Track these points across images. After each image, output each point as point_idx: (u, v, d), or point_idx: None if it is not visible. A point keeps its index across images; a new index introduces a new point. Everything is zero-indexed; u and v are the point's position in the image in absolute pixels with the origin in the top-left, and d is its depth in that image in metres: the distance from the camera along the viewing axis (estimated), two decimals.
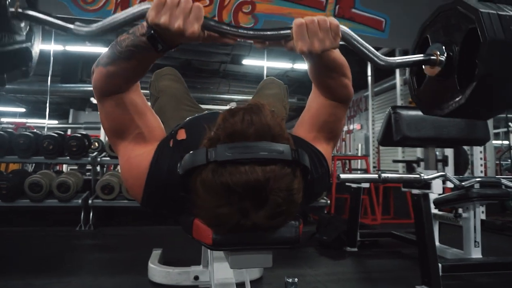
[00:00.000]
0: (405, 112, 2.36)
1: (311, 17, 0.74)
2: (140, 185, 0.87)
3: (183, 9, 0.67)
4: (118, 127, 0.87)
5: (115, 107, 0.84)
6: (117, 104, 0.84)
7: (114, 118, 0.86)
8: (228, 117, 0.68)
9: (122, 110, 0.84)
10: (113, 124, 0.88)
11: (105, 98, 0.83)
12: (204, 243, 0.73)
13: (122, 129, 0.87)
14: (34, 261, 2.40)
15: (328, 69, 0.86)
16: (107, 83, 0.80)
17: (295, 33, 0.73)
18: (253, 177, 0.61)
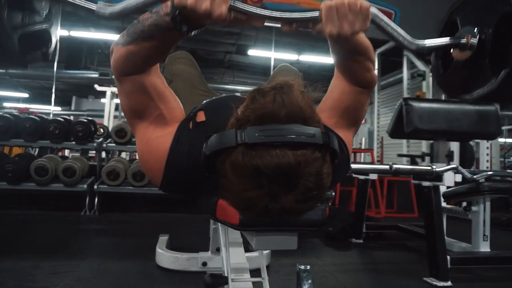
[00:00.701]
0: (417, 104, 2.34)
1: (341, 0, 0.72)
2: (160, 167, 0.86)
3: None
4: (138, 107, 0.86)
5: (135, 87, 0.83)
6: (137, 84, 0.82)
7: (133, 98, 0.85)
8: (258, 97, 0.65)
9: (141, 91, 0.83)
10: (133, 104, 0.86)
11: (125, 78, 0.82)
12: (230, 223, 0.72)
13: (142, 109, 0.86)
14: (41, 244, 2.40)
15: (354, 53, 0.84)
16: (127, 62, 0.79)
17: (324, 16, 0.71)
18: (285, 161, 0.59)
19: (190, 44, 7.77)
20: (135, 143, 0.90)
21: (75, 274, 1.85)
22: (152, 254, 2.11)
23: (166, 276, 1.90)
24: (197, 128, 0.88)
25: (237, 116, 0.67)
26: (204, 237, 2.57)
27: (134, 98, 0.85)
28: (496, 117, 2.43)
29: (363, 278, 2.10)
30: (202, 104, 0.98)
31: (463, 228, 2.58)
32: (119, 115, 8.97)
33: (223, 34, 7.18)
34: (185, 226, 3.24)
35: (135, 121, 0.89)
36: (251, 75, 9.78)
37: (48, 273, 1.83)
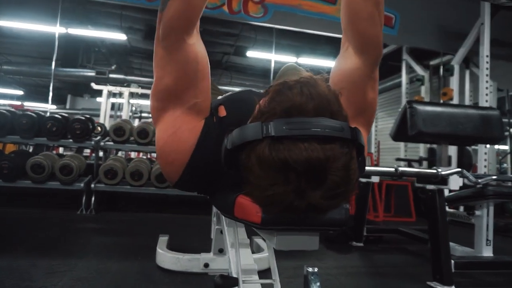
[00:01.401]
0: (421, 107, 2.33)
1: None
2: (182, 162, 0.82)
3: None
4: (182, 85, 0.80)
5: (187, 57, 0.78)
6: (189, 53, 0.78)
7: (182, 74, 0.79)
8: (284, 90, 0.63)
9: (193, 61, 0.79)
10: (178, 81, 0.80)
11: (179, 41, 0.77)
12: (251, 221, 0.69)
13: (184, 89, 0.80)
14: (38, 242, 2.35)
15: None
16: (185, 8, 0.75)
17: None
18: (314, 155, 0.56)
19: None
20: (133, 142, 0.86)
21: (73, 273, 1.80)
22: (152, 254, 2.07)
23: (167, 277, 1.86)
24: (219, 123, 0.85)
25: (261, 108, 0.65)
26: (204, 238, 2.55)
27: (183, 74, 0.79)
28: (499, 122, 2.43)
29: (367, 282, 2.07)
30: (221, 99, 0.95)
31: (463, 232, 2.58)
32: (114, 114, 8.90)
33: (221, 35, 7.16)
34: (184, 226, 3.20)
35: (167, 106, 0.82)
36: (249, 76, 9.76)
37: (45, 272, 1.78)
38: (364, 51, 0.84)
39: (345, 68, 0.87)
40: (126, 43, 7.97)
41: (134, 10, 5.99)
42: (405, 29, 4.82)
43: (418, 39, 5.03)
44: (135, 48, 8.30)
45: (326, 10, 4.70)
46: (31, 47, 8.54)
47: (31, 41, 8.01)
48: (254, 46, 7.42)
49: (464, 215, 2.31)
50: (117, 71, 8.33)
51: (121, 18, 6.40)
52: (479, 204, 2.16)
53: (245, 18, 4.55)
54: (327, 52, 7.15)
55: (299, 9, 4.65)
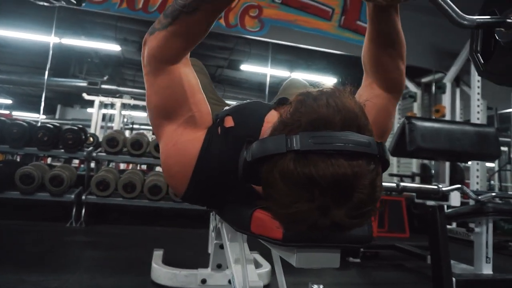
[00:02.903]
0: (420, 122, 2.33)
1: None
2: (186, 174, 0.80)
3: None
4: (170, 105, 0.80)
5: (172, 81, 0.77)
6: (174, 77, 0.77)
7: (167, 94, 0.79)
8: (309, 100, 0.60)
9: (178, 85, 0.78)
10: (165, 101, 0.80)
11: (162, 69, 0.77)
12: (271, 238, 0.66)
13: (174, 108, 0.80)
14: (26, 256, 2.25)
15: (389, 41, 0.81)
16: (167, 46, 0.74)
17: None
18: (341, 171, 0.54)
19: None
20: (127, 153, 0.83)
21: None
22: (146, 269, 2.00)
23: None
24: (225, 134, 0.83)
25: (283, 119, 0.61)
26: (199, 252, 2.48)
27: (168, 95, 0.79)
28: (495, 139, 2.45)
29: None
30: (228, 109, 0.93)
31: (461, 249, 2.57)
32: (105, 125, 8.80)
33: (215, 48, 7.19)
34: (178, 240, 3.12)
35: (162, 122, 0.82)
36: (242, 90, 9.79)
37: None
38: (390, 91, 0.87)
39: (372, 96, 0.86)
40: (119, 54, 7.94)
41: (129, 22, 5.99)
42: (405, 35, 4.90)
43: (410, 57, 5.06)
44: (128, 60, 8.27)
45: (322, 26, 4.76)
46: (22, 56, 8.43)
47: (22, 50, 7.92)
48: (248, 60, 7.47)
49: (462, 232, 2.30)
50: (110, 82, 8.27)
51: (116, 30, 6.39)
52: (478, 220, 2.16)
53: (242, 31, 4.58)
54: (322, 67, 7.23)
55: (295, 24, 4.70)
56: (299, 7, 4.75)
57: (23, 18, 6.05)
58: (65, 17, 5.85)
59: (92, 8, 4.15)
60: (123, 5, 4.20)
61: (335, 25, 4.84)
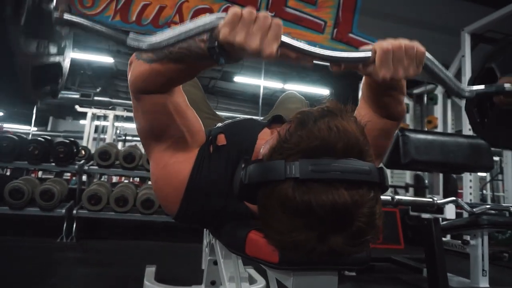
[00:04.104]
0: (413, 135, 2.35)
1: (398, 42, 0.68)
2: (178, 195, 0.78)
3: (261, 26, 0.58)
4: (157, 128, 0.78)
5: (155, 108, 0.75)
6: (157, 104, 0.75)
7: (153, 118, 0.77)
8: (309, 121, 0.58)
9: (162, 111, 0.75)
10: (151, 124, 0.78)
11: (144, 97, 0.74)
12: (266, 260, 0.64)
13: (161, 130, 0.78)
14: (14, 275, 2.19)
15: (391, 88, 0.80)
16: (148, 81, 0.71)
17: (379, 59, 0.67)
18: (341, 200, 0.53)
19: None
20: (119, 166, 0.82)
21: None
22: (139, 286, 1.95)
23: None
24: (217, 152, 0.82)
25: (282, 141, 0.59)
26: (193, 268, 2.43)
27: (153, 119, 0.77)
28: (488, 151, 2.47)
29: None
30: (221, 127, 0.91)
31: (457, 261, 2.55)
32: (98, 137, 8.73)
33: None
34: (171, 255, 3.06)
35: (151, 143, 0.81)
36: (235, 101, 9.81)
37: None
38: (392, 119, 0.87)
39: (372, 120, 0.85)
40: (112, 66, 7.92)
41: None
42: None
43: None
44: (121, 71, 8.26)
45: (315, 38, 4.80)
46: None
47: None
48: (241, 72, 7.50)
49: (458, 244, 2.29)
50: (102, 94, 8.24)
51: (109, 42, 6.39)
52: (474, 233, 2.16)
53: None
54: (315, 79, 7.28)
55: None
56: (293, 20, 4.80)
57: None
58: None
59: None
60: (117, 18, 4.20)
61: (328, 38, 4.89)
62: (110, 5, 4.16)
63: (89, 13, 4.10)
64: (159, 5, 4.28)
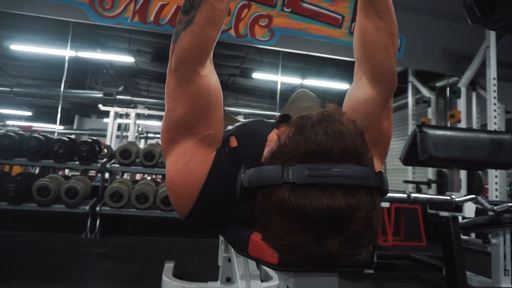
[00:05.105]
0: (431, 131, 2.30)
1: None
2: (193, 194, 0.79)
3: None
4: (193, 118, 0.77)
5: (200, 89, 0.76)
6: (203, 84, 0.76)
7: (193, 106, 0.76)
8: (307, 126, 0.59)
9: (205, 95, 0.76)
10: (189, 114, 0.77)
11: (193, 74, 0.75)
12: (267, 261, 0.66)
13: (195, 122, 0.78)
14: (39, 269, 2.30)
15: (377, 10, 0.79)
16: (198, 40, 0.73)
17: None
18: (336, 205, 0.53)
19: None
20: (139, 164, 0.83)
21: None
22: (156, 282, 2.01)
23: None
24: (230, 154, 0.83)
25: (281, 146, 0.60)
26: (211, 263, 2.48)
27: (193, 107, 0.77)
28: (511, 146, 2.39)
29: None
30: (232, 129, 0.93)
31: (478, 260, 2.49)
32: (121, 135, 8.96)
33: (228, 57, 7.26)
34: (191, 251, 3.13)
35: (178, 138, 0.80)
36: (254, 97, 9.83)
37: None
38: (378, 82, 0.82)
39: (359, 98, 0.84)
40: (133, 65, 8.09)
41: (142, 34, 6.11)
42: (411, 52, 4.85)
43: (423, 62, 5.06)
44: (142, 70, 8.43)
45: (332, 33, 4.75)
46: (41, 69, 8.70)
47: (41, 64, 8.18)
48: (260, 68, 7.50)
49: (479, 243, 2.23)
50: (124, 93, 8.43)
51: (129, 42, 6.53)
52: (495, 232, 2.09)
53: (252, 41, 4.61)
54: (333, 74, 7.20)
55: (305, 32, 4.71)
56: (309, 15, 4.75)
57: (41, 34, 6.26)
58: (81, 32, 6.02)
59: (106, 23, 4.25)
60: (135, 19, 4.29)
61: (346, 32, 4.82)
62: (129, 6, 4.25)
63: (109, 15, 4.20)
64: (176, 4, 4.33)
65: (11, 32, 6.41)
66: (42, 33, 6.20)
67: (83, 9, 4.17)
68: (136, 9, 4.30)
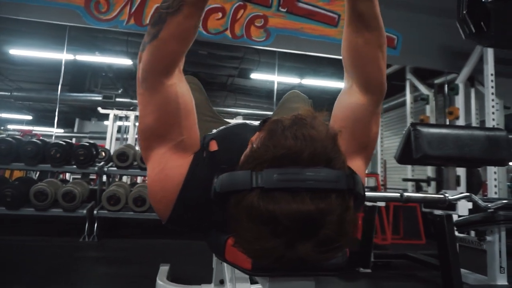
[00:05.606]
0: (425, 129, 2.29)
1: None
2: (171, 199, 0.80)
3: None
4: (164, 126, 0.79)
5: (167, 99, 0.76)
6: (170, 94, 0.76)
7: (162, 115, 0.78)
8: (278, 132, 0.59)
9: (173, 103, 0.77)
10: (159, 122, 0.78)
11: (158, 84, 0.75)
12: (241, 267, 0.66)
13: (166, 130, 0.79)
14: (37, 274, 2.31)
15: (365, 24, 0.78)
16: (161, 55, 0.74)
17: None
18: (305, 209, 0.53)
19: (193, 68, 7.86)
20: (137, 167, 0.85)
21: None
22: (152, 285, 2.01)
23: None
24: (210, 158, 0.83)
25: (252, 151, 0.61)
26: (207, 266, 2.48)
27: (163, 115, 0.78)
28: (507, 143, 2.38)
29: None
30: (214, 133, 0.93)
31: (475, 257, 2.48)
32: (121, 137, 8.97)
33: (226, 58, 7.26)
34: (187, 253, 3.13)
35: (152, 145, 0.81)
36: (253, 98, 9.82)
37: None
38: (369, 91, 0.84)
39: (351, 105, 0.85)
40: (132, 68, 8.10)
41: (139, 37, 6.11)
42: (408, 50, 4.84)
43: (421, 59, 5.04)
44: None
45: (328, 32, 4.74)
46: (40, 73, 8.73)
47: (41, 68, 8.20)
48: (258, 69, 7.50)
49: (475, 241, 2.22)
50: (123, 95, 8.44)
51: (127, 44, 6.54)
52: (490, 229, 2.09)
53: (248, 42, 4.60)
54: (330, 73, 7.18)
55: (301, 32, 4.70)
56: (305, 15, 4.74)
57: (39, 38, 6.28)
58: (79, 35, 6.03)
59: (102, 26, 4.26)
60: (131, 22, 4.30)
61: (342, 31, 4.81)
62: (124, 9, 4.25)
63: (105, 18, 4.21)
64: None
65: (10, 37, 6.43)
66: (41, 37, 6.22)
67: (79, 13, 4.17)
68: (131, 11, 4.30)
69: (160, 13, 0.73)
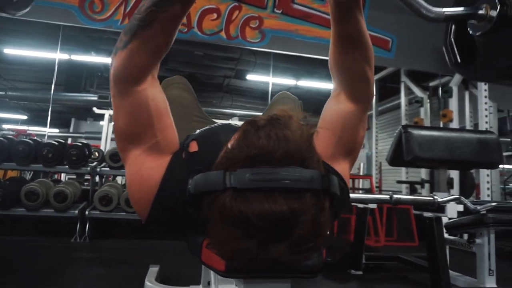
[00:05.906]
0: (416, 131, 2.29)
1: None
2: (148, 200, 0.79)
3: None
4: (135, 130, 0.79)
5: (137, 104, 0.76)
6: (140, 99, 0.76)
7: (132, 119, 0.78)
8: (252, 132, 0.59)
9: (143, 109, 0.77)
10: (130, 126, 0.79)
11: (127, 91, 0.76)
12: (216, 268, 0.65)
13: (139, 133, 0.79)
14: (28, 275, 2.29)
15: (352, 43, 0.79)
16: (130, 65, 0.73)
17: None
18: (277, 209, 0.52)
19: (189, 68, 7.85)
20: None
21: None
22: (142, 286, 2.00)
23: None
24: (189, 159, 0.83)
25: (227, 152, 0.61)
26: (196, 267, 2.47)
27: (134, 119, 0.78)
28: (498, 146, 2.38)
29: None
30: (196, 134, 0.92)
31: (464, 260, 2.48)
32: None
33: (222, 59, 7.26)
34: (178, 254, 3.11)
35: (127, 147, 0.82)
36: (249, 99, 9.83)
37: None
38: (357, 100, 0.86)
39: (340, 112, 0.86)
40: None
41: None
42: (402, 52, 4.85)
43: (415, 61, 5.05)
44: None
45: (323, 34, 4.74)
46: (35, 73, 8.70)
47: (36, 67, 8.17)
48: (254, 70, 7.50)
49: (464, 243, 2.23)
50: None
51: None
52: (480, 232, 2.09)
53: (243, 43, 4.60)
54: (324, 74, 7.20)
55: (296, 33, 4.70)
56: (300, 16, 4.75)
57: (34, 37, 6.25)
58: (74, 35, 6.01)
59: (96, 26, 4.24)
60: (125, 22, 4.28)
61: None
62: (119, 9, 4.24)
63: (99, 18, 4.20)
64: None
65: (4, 36, 6.40)
66: (35, 36, 6.19)
67: (73, 13, 4.16)
68: (126, 12, 4.29)
69: (132, 24, 0.72)
